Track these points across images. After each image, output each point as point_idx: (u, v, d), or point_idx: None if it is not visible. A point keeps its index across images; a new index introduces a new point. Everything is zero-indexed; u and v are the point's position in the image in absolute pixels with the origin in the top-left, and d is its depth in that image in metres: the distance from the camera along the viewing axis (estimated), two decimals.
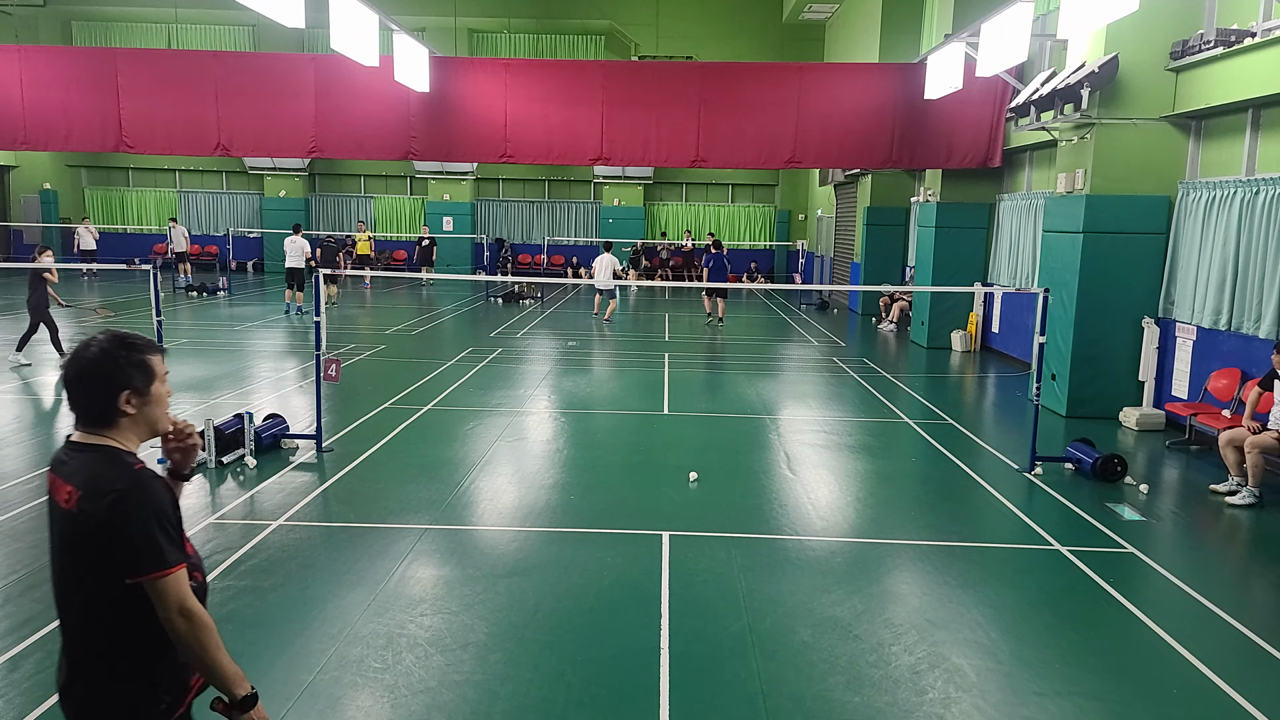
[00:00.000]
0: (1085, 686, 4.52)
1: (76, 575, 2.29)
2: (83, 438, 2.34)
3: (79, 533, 2.23)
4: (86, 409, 2.33)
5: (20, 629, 4.83)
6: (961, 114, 14.15)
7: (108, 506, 2.19)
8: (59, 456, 2.37)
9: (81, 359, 2.31)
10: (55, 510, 2.32)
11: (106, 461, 2.28)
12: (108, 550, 2.21)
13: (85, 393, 2.32)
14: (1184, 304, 10.23)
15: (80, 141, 14.82)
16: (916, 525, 6.93)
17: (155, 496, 2.28)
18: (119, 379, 2.31)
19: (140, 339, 2.40)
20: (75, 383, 2.32)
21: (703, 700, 4.34)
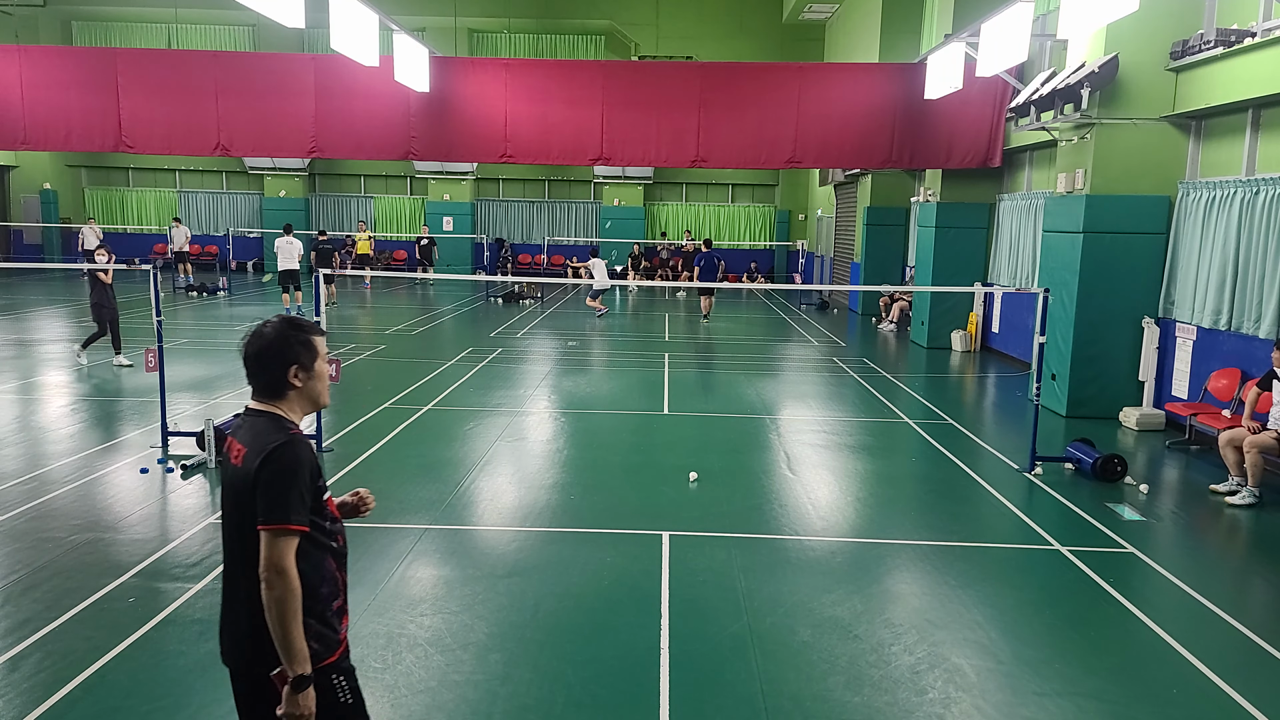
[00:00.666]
0: (1085, 686, 4.52)
1: (245, 523, 2.55)
2: (256, 405, 2.68)
3: (244, 486, 2.54)
4: (261, 381, 2.67)
5: (20, 629, 4.83)
6: (961, 114, 14.14)
7: (260, 461, 2.51)
8: (235, 421, 2.62)
9: (260, 338, 2.65)
10: (228, 469, 2.65)
11: (270, 425, 2.62)
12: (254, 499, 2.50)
13: (261, 367, 2.65)
14: (1184, 304, 10.23)
15: (80, 141, 14.82)
16: (916, 525, 6.93)
17: (299, 458, 2.55)
18: (289, 355, 2.64)
19: (306, 322, 2.74)
20: (253, 358, 2.65)
21: (703, 700, 4.34)
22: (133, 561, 5.76)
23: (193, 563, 5.78)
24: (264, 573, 2.47)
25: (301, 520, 2.52)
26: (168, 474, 7.63)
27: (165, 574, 5.60)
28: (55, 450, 8.29)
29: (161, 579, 5.52)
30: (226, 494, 2.65)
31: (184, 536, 6.23)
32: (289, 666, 2.51)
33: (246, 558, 2.55)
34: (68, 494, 7.06)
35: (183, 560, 5.82)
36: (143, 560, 5.78)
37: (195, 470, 7.75)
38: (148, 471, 7.67)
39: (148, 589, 5.37)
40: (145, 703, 4.17)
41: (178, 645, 4.70)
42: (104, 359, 12.58)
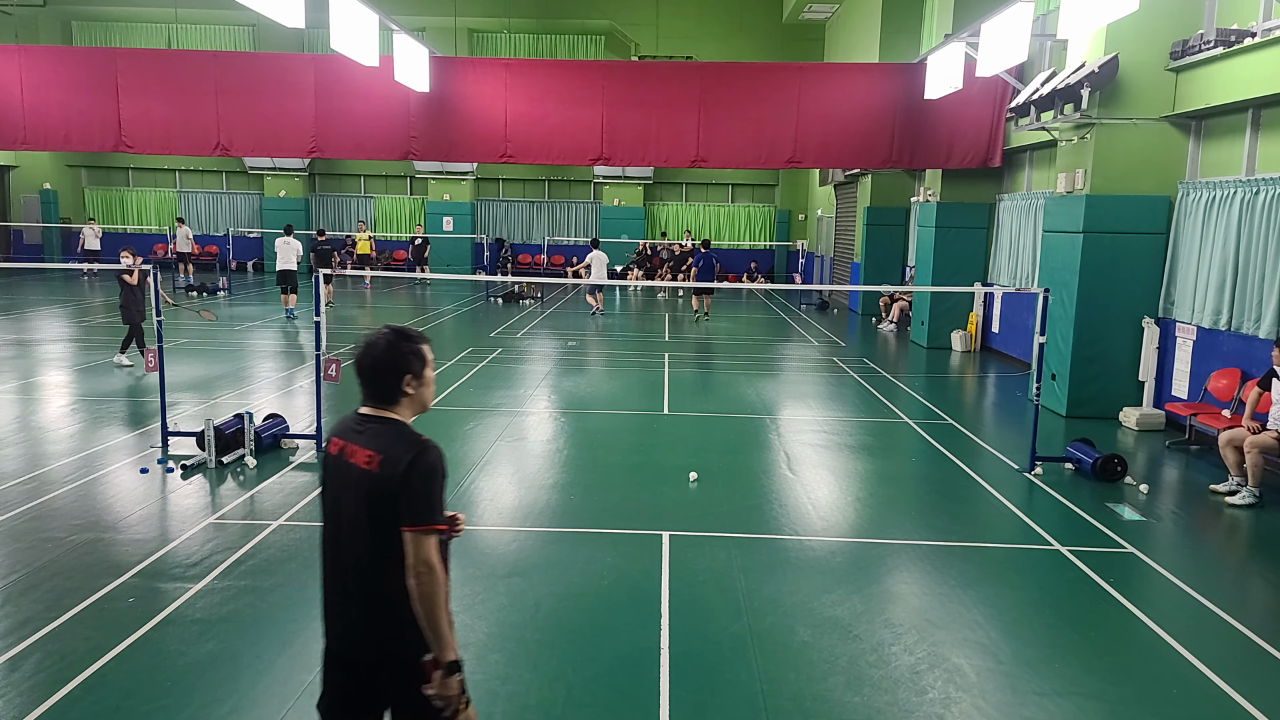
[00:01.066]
0: (1085, 686, 4.52)
1: (372, 523, 2.70)
2: (372, 412, 2.81)
3: (379, 489, 2.67)
4: (376, 389, 2.81)
5: (20, 629, 4.83)
6: (961, 114, 14.14)
7: (405, 468, 2.65)
8: (350, 426, 2.82)
9: (374, 349, 2.79)
10: (351, 471, 2.74)
11: (398, 432, 2.76)
12: (394, 505, 2.65)
13: (376, 376, 2.80)
14: (1184, 304, 10.23)
15: (80, 141, 14.82)
16: (916, 525, 6.93)
17: (438, 465, 2.72)
18: (402, 366, 2.79)
19: (415, 332, 2.87)
20: (369, 369, 2.80)
21: (703, 700, 4.34)
22: (133, 561, 5.76)
23: (193, 563, 5.78)
24: (414, 569, 2.64)
25: (442, 520, 2.73)
26: (168, 474, 7.63)
27: (165, 574, 5.60)
28: (55, 450, 8.29)
29: (161, 579, 5.52)
30: (348, 495, 2.75)
31: (184, 536, 6.23)
32: (440, 653, 2.72)
33: (370, 554, 2.71)
34: (68, 494, 7.06)
35: (183, 560, 5.82)
36: (143, 560, 5.78)
37: (195, 470, 7.75)
38: (148, 471, 7.67)
39: (148, 589, 5.37)
40: (145, 703, 4.17)
41: (178, 645, 4.70)
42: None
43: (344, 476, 2.78)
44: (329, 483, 2.85)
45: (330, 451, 2.85)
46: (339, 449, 2.82)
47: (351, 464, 2.75)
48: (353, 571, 2.77)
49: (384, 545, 2.69)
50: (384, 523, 2.68)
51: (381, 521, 2.68)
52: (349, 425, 2.85)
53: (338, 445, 2.83)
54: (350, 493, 2.75)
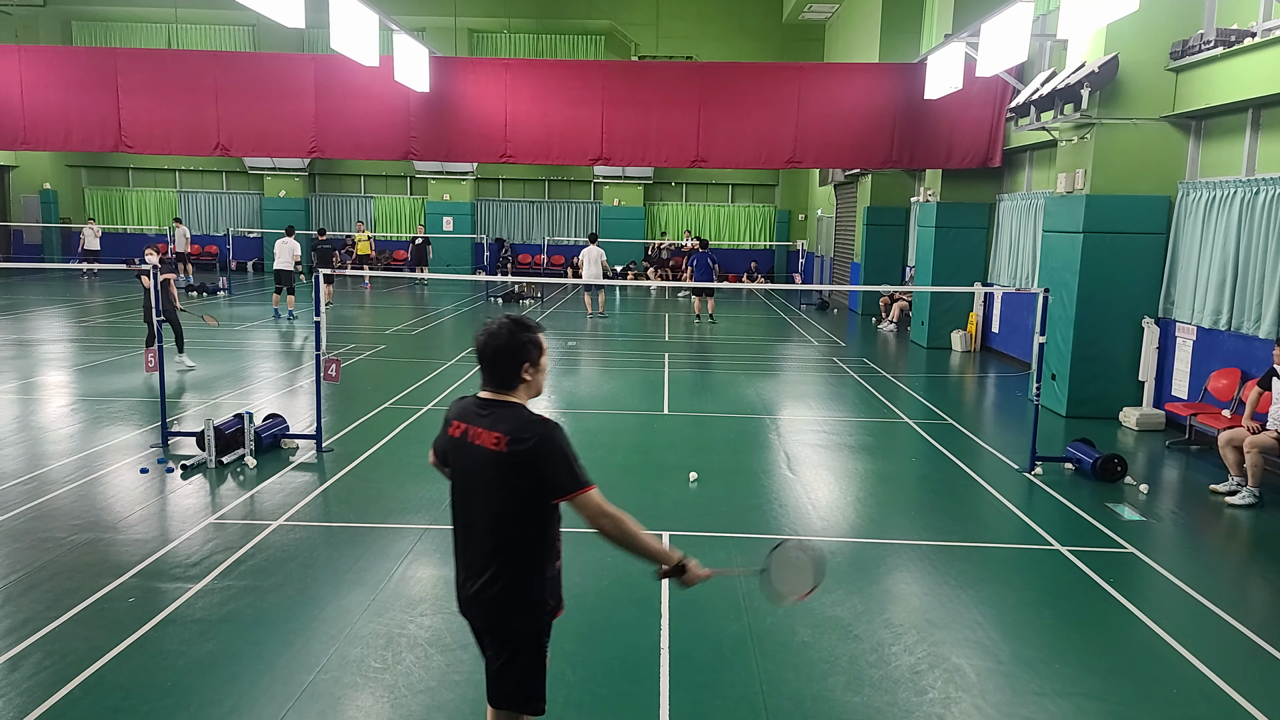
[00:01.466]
0: (1085, 686, 4.52)
1: (503, 499, 2.91)
2: (492, 396, 3.00)
3: (509, 468, 2.87)
4: (497, 375, 2.99)
5: (20, 629, 4.83)
6: (961, 114, 14.15)
7: (533, 446, 2.84)
8: (472, 410, 3.00)
9: (496, 338, 2.97)
10: (479, 452, 2.93)
11: (520, 413, 2.95)
12: (535, 479, 2.86)
13: (498, 364, 2.98)
14: (1184, 304, 10.23)
15: (80, 141, 14.82)
16: (916, 525, 6.93)
17: (563, 436, 2.92)
18: (521, 354, 2.98)
19: (532, 322, 3.06)
20: (490, 357, 2.98)
21: (703, 700, 4.34)
22: (133, 561, 5.76)
23: (193, 563, 5.78)
24: (594, 524, 2.90)
25: (590, 479, 2.91)
26: (168, 474, 7.63)
27: (165, 574, 5.60)
28: (55, 450, 8.29)
29: (161, 579, 5.52)
30: (476, 474, 2.95)
31: (184, 536, 6.23)
32: (666, 561, 3.00)
33: (497, 528, 2.93)
34: (68, 494, 7.06)
35: (183, 560, 5.82)
36: (143, 560, 5.78)
37: (195, 470, 7.75)
38: (148, 471, 7.67)
39: (148, 589, 5.37)
40: (145, 703, 4.17)
41: (178, 645, 4.70)
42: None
43: (470, 457, 2.97)
44: (454, 463, 3.05)
45: (452, 434, 3.04)
46: (461, 432, 3.00)
47: (478, 445, 2.94)
48: (481, 544, 2.98)
49: (511, 520, 2.93)
50: (514, 499, 2.90)
51: (511, 498, 2.90)
52: (470, 409, 3.02)
53: (460, 428, 3.01)
54: (479, 472, 2.95)
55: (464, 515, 3.04)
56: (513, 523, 2.93)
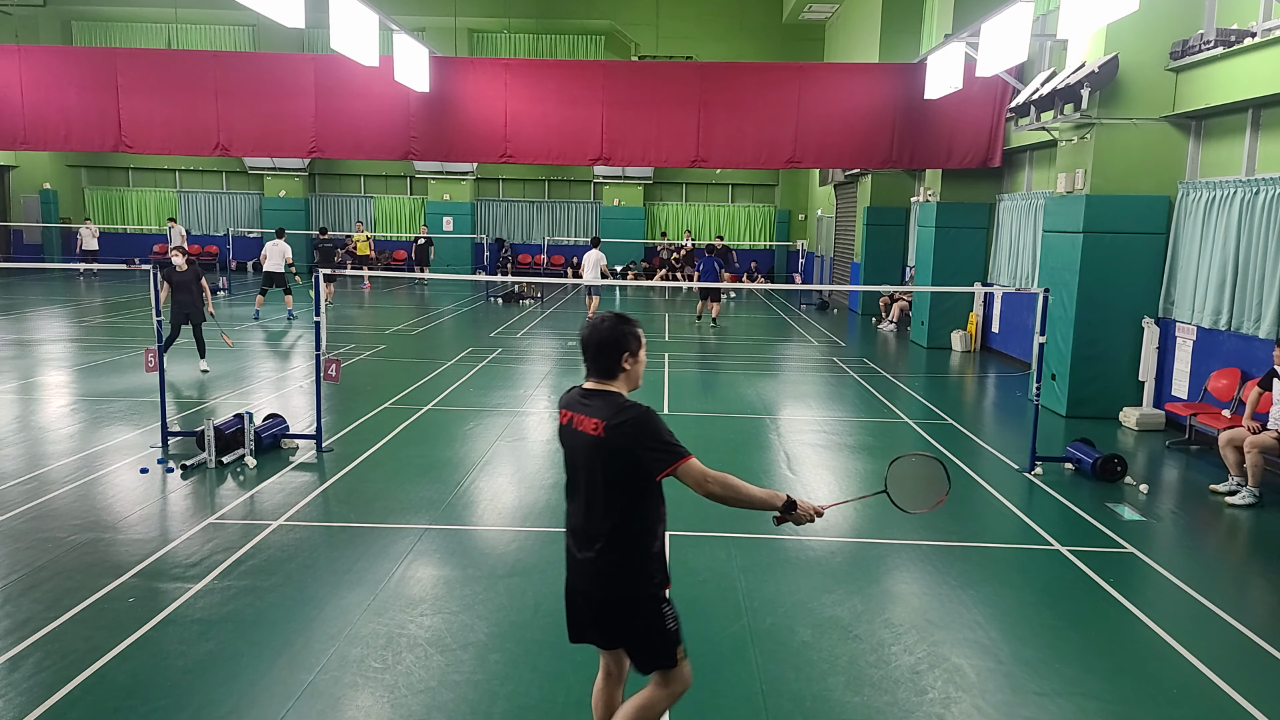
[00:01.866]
0: (1085, 686, 4.52)
1: (606, 481, 3.15)
2: (594, 386, 3.24)
3: (608, 451, 3.11)
4: (600, 365, 3.24)
5: (20, 629, 4.83)
6: (961, 114, 14.14)
7: (628, 430, 3.07)
8: (577, 399, 3.26)
9: (599, 331, 3.23)
10: (582, 438, 3.18)
11: (615, 403, 3.17)
12: (634, 461, 3.08)
13: (601, 355, 3.22)
14: (1184, 304, 10.23)
15: (80, 141, 14.82)
16: (916, 525, 6.93)
17: (656, 419, 3.13)
18: (623, 344, 3.22)
19: (631, 317, 3.29)
20: (594, 348, 3.23)
21: (703, 700, 4.33)
22: (133, 561, 5.76)
23: (193, 563, 5.78)
24: (701, 490, 3.14)
25: (686, 450, 3.12)
26: (168, 474, 7.63)
27: (165, 574, 5.60)
28: (55, 450, 8.29)
29: (161, 579, 5.52)
30: (580, 458, 3.21)
31: (184, 536, 6.23)
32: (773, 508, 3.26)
33: (603, 508, 3.17)
34: (68, 494, 7.06)
35: (183, 560, 5.82)
36: (143, 560, 5.78)
37: (195, 470, 7.75)
38: (148, 471, 7.67)
39: (148, 589, 5.37)
40: (145, 703, 4.17)
41: (178, 645, 4.70)
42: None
43: (576, 443, 3.24)
44: (566, 447, 3.32)
45: (561, 422, 3.33)
46: (568, 419, 3.27)
47: (580, 431, 3.20)
48: (590, 523, 3.21)
49: (614, 499, 3.16)
50: (615, 480, 3.14)
51: (613, 480, 3.14)
52: (575, 399, 3.29)
53: (567, 416, 3.29)
54: (584, 456, 3.20)
55: (574, 496, 3.30)
56: (615, 503, 3.16)
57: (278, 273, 17.99)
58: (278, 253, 18.03)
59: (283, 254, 18.08)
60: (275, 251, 18.03)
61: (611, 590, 3.23)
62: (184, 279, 11.72)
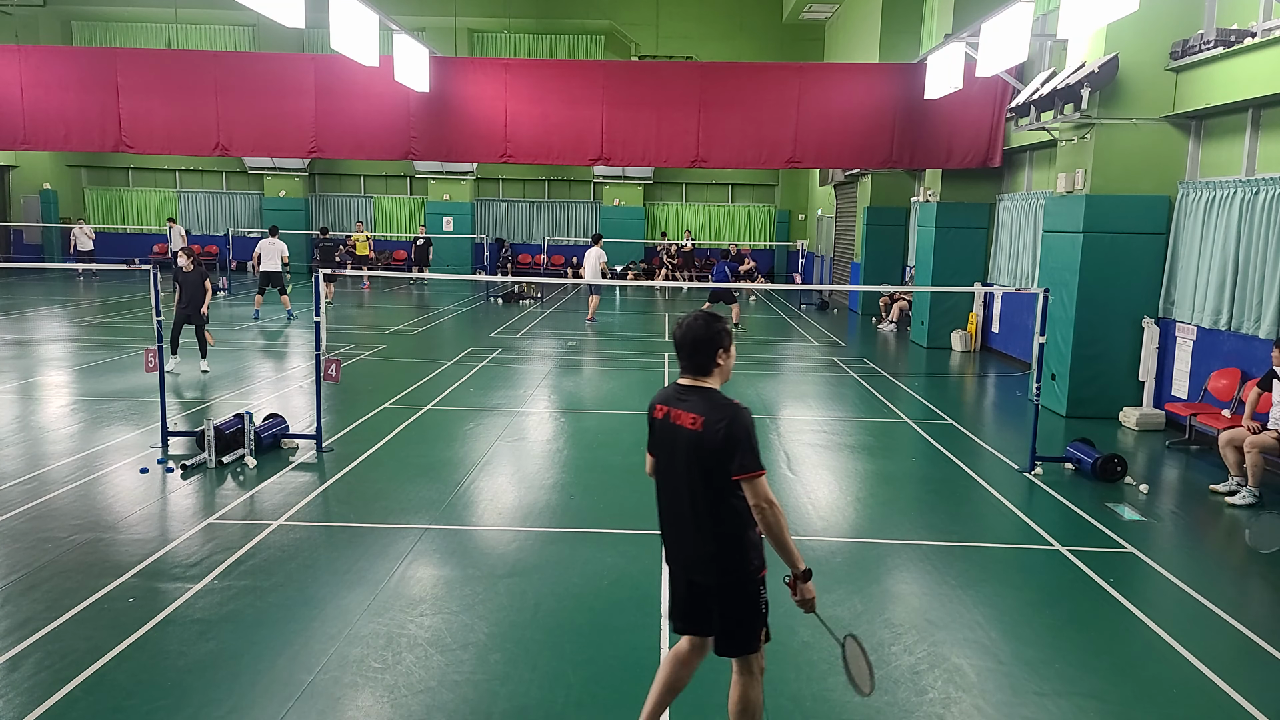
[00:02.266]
0: (1085, 686, 4.52)
1: (705, 472, 3.31)
2: (690, 382, 3.42)
3: (705, 446, 3.28)
4: (695, 362, 3.41)
5: (20, 629, 4.83)
6: (961, 114, 14.14)
7: (725, 427, 3.24)
8: (673, 395, 3.44)
9: (694, 330, 3.41)
10: (681, 432, 3.36)
11: (714, 397, 3.37)
12: (726, 456, 3.24)
13: (696, 352, 3.40)
14: (1184, 304, 10.23)
15: (80, 141, 14.82)
16: (916, 525, 6.93)
17: (750, 422, 3.30)
18: (716, 341, 3.40)
19: (720, 316, 3.47)
20: (690, 345, 3.41)
21: (703, 700, 4.33)
22: (133, 561, 5.76)
23: (193, 563, 5.78)
24: (756, 507, 3.25)
25: (763, 464, 3.30)
26: (168, 474, 7.63)
27: (165, 574, 5.60)
28: (55, 450, 8.29)
29: (161, 579, 5.52)
30: (679, 451, 3.37)
31: (184, 536, 6.23)
32: (795, 566, 3.30)
33: (701, 499, 3.34)
34: (68, 494, 7.06)
35: (183, 560, 5.82)
36: (143, 560, 5.78)
37: (195, 470, 7.75)
38: (148, 471, 7.67)
39: (148, 589, 5.37)
40: (145, 703, 4.17)
41: (178, 645, 4.70)
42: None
43: (673, 436, 3.41)
44: (660, 442, 3.49)
45: (656, 416, 3.51)
46: (664, 414, 3.46)
47: (678, 425, 3.38)
48: (688, 513, 3.41)
49: (711, 491, 3.33)
50: (712, 473, 3.30)
51: (710, 472, 3.31)
52: (672, 395, 3.46)
53: (663, 411, 3.47)
54: (681, 449, 3.37)
55: (670, 490, 3.47)
56: (713, 494, 3.33)
57: (275, 272, 17.96)
58: (275, 252, 17.98)
59: (280, 253, 18.03)
60: (274, 251, 17.98)
61: (720, 575, 3.41)
62: (189, 279, 11.79)
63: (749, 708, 3.51)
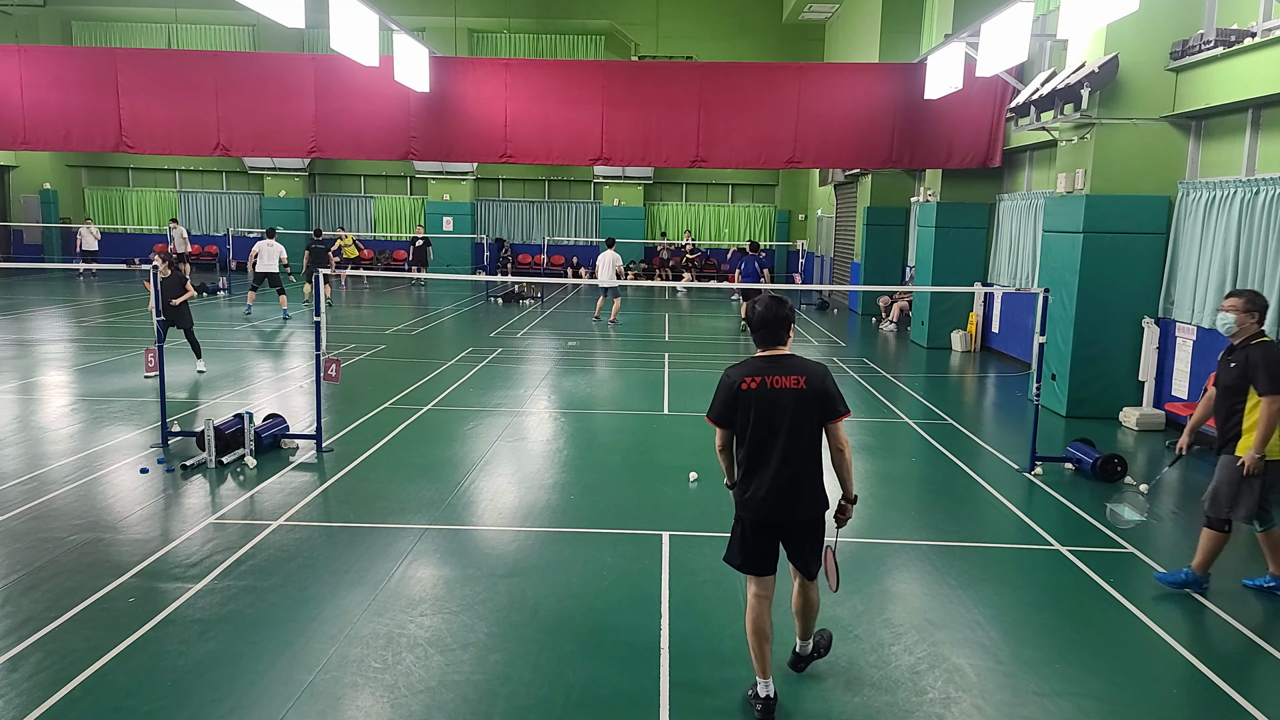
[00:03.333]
0: (1085, 686, 4.52)
1: (809, 421, 4.11)
2: (772, 353, 4.16)
3: (808, 400, 4.09)
4: (776, 336, 4.15)
5: (20, 629, 4.83)
6: (961, 114, 14.14)
7: (822, 382, 4.11)
8: (762, 366, 4.12)
9: (772, 310, 4.12)
10: (784, 393, 4.07)
11: (805, 362, 4.17)
12: (823, 406, 4.10)
13: (776, 327, 4.14)
14: (1184, 304, 10.23)
15: (80, 141, 14.82)
16: (916, 525, 6.93)
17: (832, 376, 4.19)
18: (789, 319, 4.16)
19: (784, 298, 4.21)
20: (770, 323, 4.13)
21: (703, 700, 4.34)
22: (133, 561, 5.76)
23: (193, 563, 5.78)
24: (845, 443, 4.16)
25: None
26: (168, 474, 7.63)
27: (165, 574, 5.60)
28: (55, 450, 8.29)
29: (161, 579, 5.52)
30: (782, 410, 4.07)
31: (184, 536, 6.23)
32: (850, 491, 4.26)
33: (805, 448, 4.11)
34: (68, 494, 7.06)
35: (183, 560, 5.82)
36: (143, 560, 5.78)
37: (195, 470, 7.75)
38: (148, 471, 7.67)
39: (148, 589, 5.37)
40: (145, 703, 4.17)
41: (178, 645, 4.70)
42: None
43: (774, 399, 4.08)
44: (758, 406, 4.09)
45: (750, 386, 4.10)
46: (759, 383, 4.09)
47: (780, 389, 4.08)
48: (794, 458, 4.10)
49: (811, 440, 4.13)
50: (811, 424, 4.10)
51: (811, 423, 4.10)
52: (760, 366, 4.13)
53: (756, 380, 4.09)
54: (787, 407, 4.07)
55: (769, 441, 4.10)
56: (810, 440, 4.12)
57: (274, 273, 17.99)
58: (274, 253, 18.03)
59: (278, 254, 18.09)
60: (273, 252, 18.03)
61: (809, 510, 4.18)
62: (167, 284, 11.43)
63: (814, 605, 4.41)
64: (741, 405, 4.09)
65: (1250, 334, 5.38)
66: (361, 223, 31.52)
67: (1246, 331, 5.40)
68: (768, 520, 4.16)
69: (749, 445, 4.12)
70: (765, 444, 4.10)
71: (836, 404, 4.09)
